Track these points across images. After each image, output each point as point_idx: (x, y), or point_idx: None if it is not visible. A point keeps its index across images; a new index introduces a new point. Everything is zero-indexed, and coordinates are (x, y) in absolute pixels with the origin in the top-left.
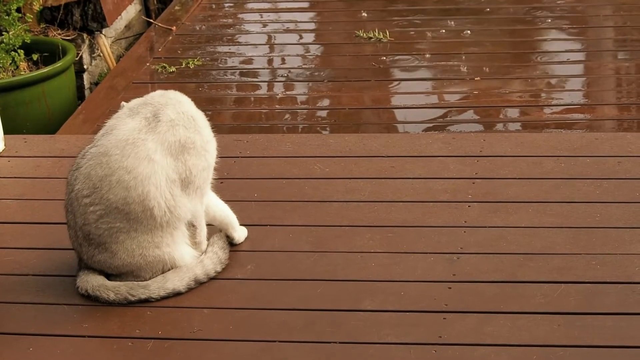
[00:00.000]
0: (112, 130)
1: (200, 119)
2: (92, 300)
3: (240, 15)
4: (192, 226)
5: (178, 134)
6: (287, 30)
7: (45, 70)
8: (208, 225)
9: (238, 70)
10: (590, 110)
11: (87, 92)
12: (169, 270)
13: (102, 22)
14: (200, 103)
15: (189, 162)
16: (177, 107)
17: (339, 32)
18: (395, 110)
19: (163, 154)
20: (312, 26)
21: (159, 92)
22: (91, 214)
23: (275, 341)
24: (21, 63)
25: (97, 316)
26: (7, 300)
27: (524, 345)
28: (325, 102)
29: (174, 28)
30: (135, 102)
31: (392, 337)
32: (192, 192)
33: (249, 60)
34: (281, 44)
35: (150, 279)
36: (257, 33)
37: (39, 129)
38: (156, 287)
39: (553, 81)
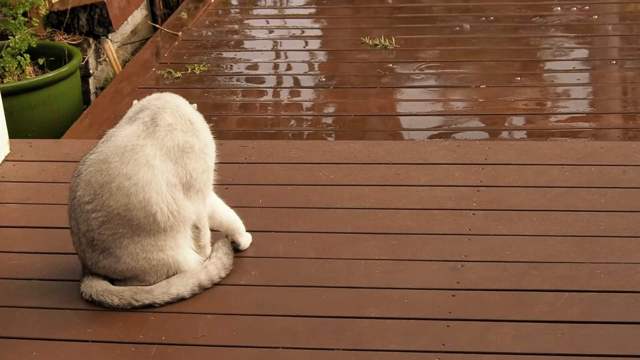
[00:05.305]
0: (111, 137)
1: (197, 121)
2: (96, 305)
3: (246, 21)
4: (196, 228)
5: (176, 139)
6: (293, 37)
7: (51, 74)
8: (213, 231)
9: (244, 76)
10: (595, 119)
11: (92, 97)
12: (173, 274)
13: (108, 26)
14: (206, 109)
15: (188, 166)
16: (174, 110)
17: (344, 38)
18: (401, 118)
19: (162, 159)
20: (318, 33)
21: (155, 95)
22: (94, 220)
23: (278, 347)
24: (27, 67)
25: (101, 321)
26: (11, 304)
27: (527, 353)
28: (331, 109)
29: (180, 33)
30: (132, 109)
31: (395, 344)
32: (193, 195)
33: (255, 66)
34: (287, 50)
35: (154, 283)
36: (263, 39)
37: (45, 133)
38: (160, 292)
39: (558, 89)
